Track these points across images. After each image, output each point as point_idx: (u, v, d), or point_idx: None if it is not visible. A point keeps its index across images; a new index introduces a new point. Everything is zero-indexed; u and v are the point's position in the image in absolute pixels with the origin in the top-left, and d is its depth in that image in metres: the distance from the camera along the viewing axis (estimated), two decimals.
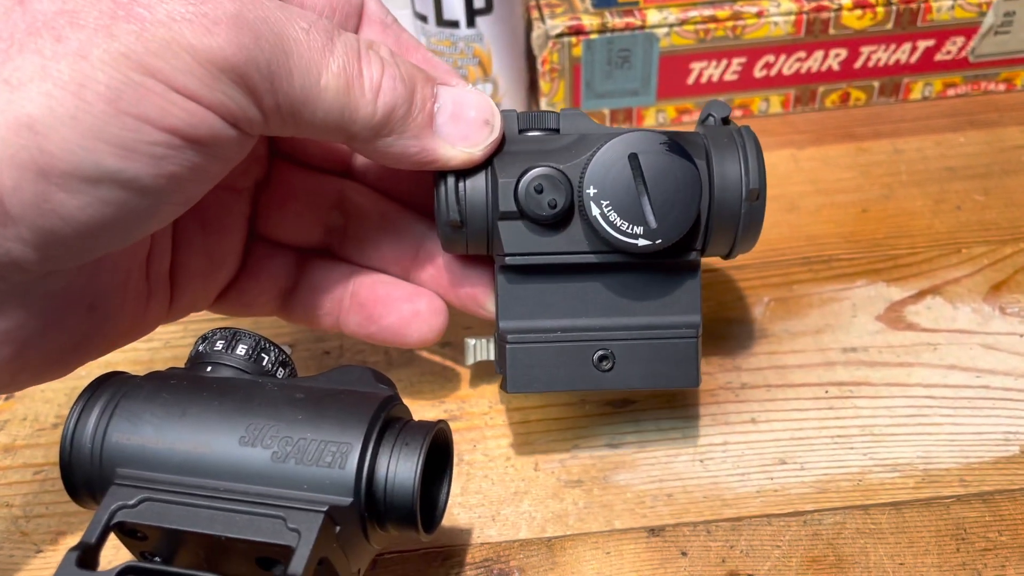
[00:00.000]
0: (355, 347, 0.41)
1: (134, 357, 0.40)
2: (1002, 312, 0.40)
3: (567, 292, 0.32)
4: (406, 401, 0.38)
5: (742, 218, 0.31)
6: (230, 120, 0.25)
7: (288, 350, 0.41)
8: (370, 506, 0.25)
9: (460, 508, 0.34)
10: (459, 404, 0.38)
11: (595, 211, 0.29)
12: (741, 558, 0.31)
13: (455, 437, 0.36)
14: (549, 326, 0.32)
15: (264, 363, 0.28)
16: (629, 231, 0.30)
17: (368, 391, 0.27)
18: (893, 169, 0.49)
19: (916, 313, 0.40)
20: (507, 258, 0.31)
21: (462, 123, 0.29)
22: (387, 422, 0.26)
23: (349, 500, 0.24)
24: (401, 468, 0.25)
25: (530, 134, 0.31)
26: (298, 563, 0.23)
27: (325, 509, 0.24)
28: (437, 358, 0.40)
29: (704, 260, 0.33)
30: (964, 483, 0.33)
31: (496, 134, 0.30)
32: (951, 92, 0.54)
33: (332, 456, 0.25)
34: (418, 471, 0.25)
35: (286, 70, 0.25)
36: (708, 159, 0.31)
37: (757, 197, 0.31)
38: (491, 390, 0.38)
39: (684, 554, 0.32)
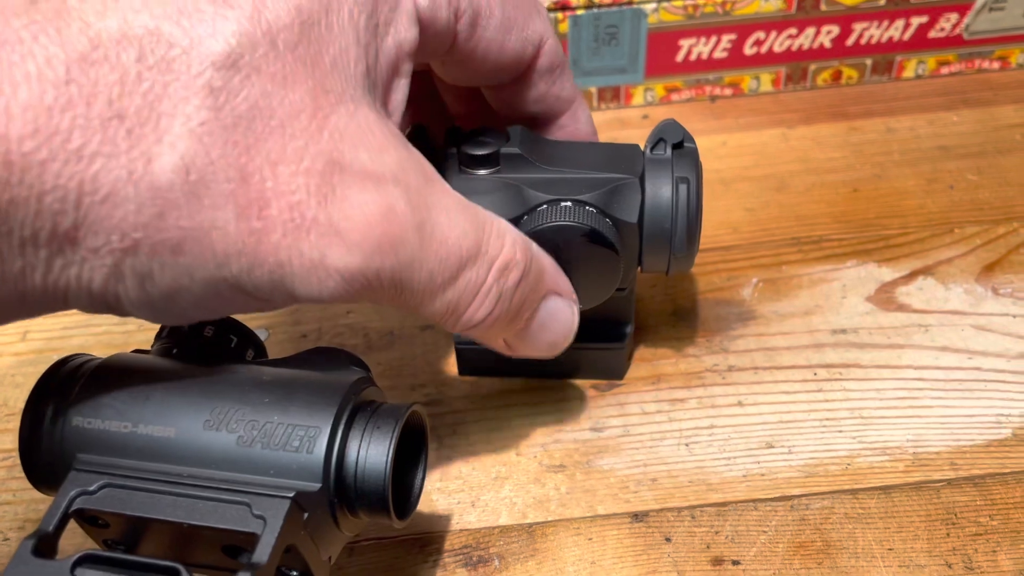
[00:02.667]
0: (333, 330, 0.40)
1: (108, 340, 0.39)
2: (995, 293, 0.39)
3: None
4: (385, 385, 0.37)
5: (670, 267, 0.32)
6: None
7: (264, 334, 0.40)
8: (340, 492, 0.24)
9: (439, 494, 0.33)
10: (439, 388, 0.37)
11: None
12: (726, 544, 0.30)
13: (435, 421, 0.35)
14: None
15: (232, 345, 0.27)
16: None
17: (339, 373, 0.26)
18: (885, 148, 0.48)
19: (907, 294, 0.39)
20: None
21: (534, 342, 0.29)
22: (358, 405, 0.25)
23: (317, 486, 0.24)
24: (372, 452, 0.24)
25: (472, 172, 0.31)
26: (262, 551, 0.22)
27: (292, 495, 0.23)
28: (418, 342, 0.39)
29: None
30: (955, 467, 0.32)
31: (555, 353, 0.30)
32: (944, 70, 0.53)
33: (300, 440, 0.24)
34: (390, 455, 0.24)
35: (396, 293, 0.24)
36: (641, 216, 0.31)
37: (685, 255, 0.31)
38: None
39: (668, 540, 0.31)
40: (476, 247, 0.25)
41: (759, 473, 0.33)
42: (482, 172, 0.31)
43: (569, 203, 0.30)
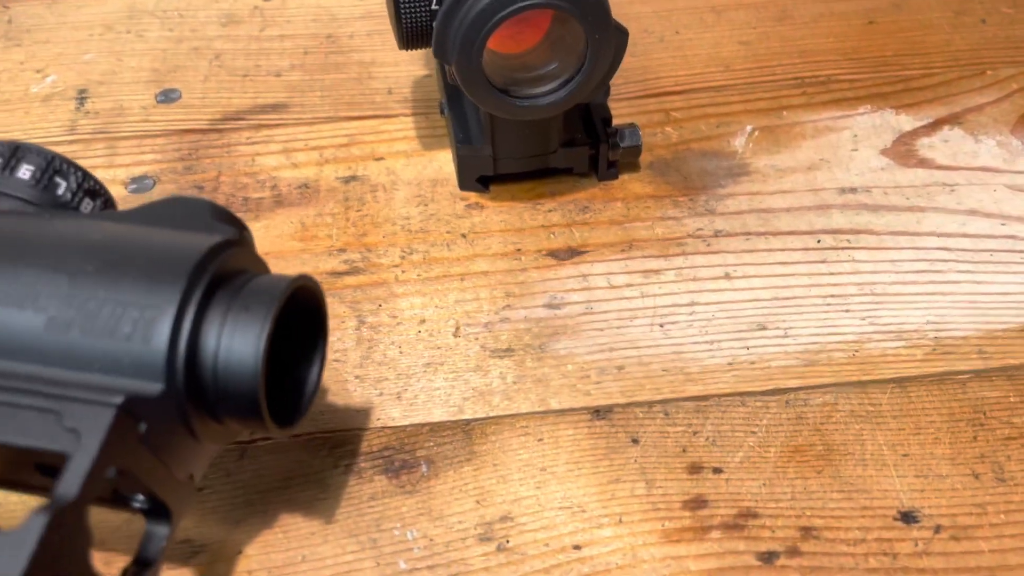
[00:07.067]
0: (236, 182, 0.33)
1: None
2: None
3: None
4: (296, 248, 0.30)
5: None
6: None
7: (150, 183, 0.32)
8: (194, 394, 0.18)
9: (357, 383, 0.27)
10: (363, 253, 0.30)
11: None
12: (706, 447, 0.25)
13: (357, 294, 0.29)
14: None
15: (59, 191, 0.20)
16: None
17: (197, 232, 0.19)
18: None
19: (930, 147, 0.34)
20: None
21: None
22: (221, 276, 0.19)
23: (159, 387, 0.17)
24: (238, 341, 0.18)
25: None
26: (71, 480, 0.16)
27: (119, 401, 0.17)
28: (340, 195, 0.32)
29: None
30: (984, 355, 0.28)
31: None
32: None
33: (133, 325, 0.17)
34: (263, 343, 0.18)
35: None
36: None
37: None
38: (404, 236, 0.31)
39: (635, 441, 0.26)
40: None
41: (748, 361, 0.27)
42: None
43: None
